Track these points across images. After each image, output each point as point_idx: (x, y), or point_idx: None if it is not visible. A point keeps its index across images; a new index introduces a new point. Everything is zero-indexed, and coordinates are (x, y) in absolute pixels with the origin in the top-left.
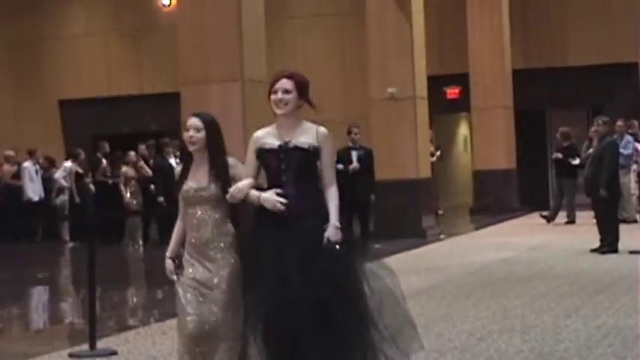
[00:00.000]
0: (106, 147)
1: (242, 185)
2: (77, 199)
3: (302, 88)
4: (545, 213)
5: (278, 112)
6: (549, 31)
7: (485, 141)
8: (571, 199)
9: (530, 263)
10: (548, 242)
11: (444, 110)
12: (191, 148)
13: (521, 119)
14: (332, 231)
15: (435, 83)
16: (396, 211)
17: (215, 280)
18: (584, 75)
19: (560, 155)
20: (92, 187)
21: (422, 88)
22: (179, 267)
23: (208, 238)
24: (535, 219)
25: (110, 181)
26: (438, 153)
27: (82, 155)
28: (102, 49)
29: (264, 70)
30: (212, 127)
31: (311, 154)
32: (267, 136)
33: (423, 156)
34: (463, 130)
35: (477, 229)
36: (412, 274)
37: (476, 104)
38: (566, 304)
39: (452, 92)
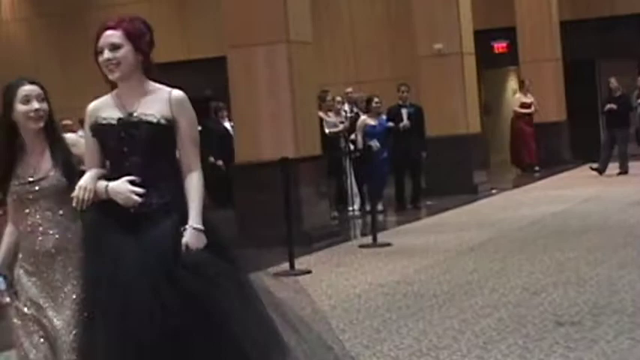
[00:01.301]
0: None
1: (85, 182)
2: None
3: (136, 37)
4: (595, 165)
5: (111, 77)
6: None
7: (534, 94)
8: (623, 149)
9: (584, 215)
10: (601, 194)
11: (492, 65)
12: (39, 125)
13: (571, 71)
14: (191, 235)
15: (483, 38)
16: (448, 168)
17: (64, 315)
18: (633, 24)
19: (614, 106)
20: None
21: (469, 44)
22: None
23: (51, 246)
24: (587, 171)
25: None
26: None
27: None
28: (147, 15)
29: (309, 31)
30: (47, 96)
31: (163, 130)
32: (104, 108)
33: (472, 111)
34: (512, 84)
35: (528, 182)
36: (465, 230)
37: (524, 57)
38: (620, 256)
39: (499, 46)
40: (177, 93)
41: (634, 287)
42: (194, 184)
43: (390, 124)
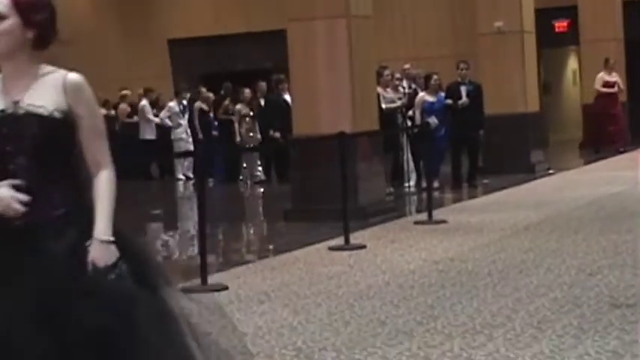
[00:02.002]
0: (229, 86)
1: None
2: (200, 136)
3: (28, 8)
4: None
5: None
6: None
7: (595, 74)
8: None
9: None
10: None
11: (553, 44)
12: None
13: (632, 51)
14: (98, 250)
15: (544, 16)
16: (505, 146)
17: None
18: None
19: None
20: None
21: (529, 22)
22: None
23: None
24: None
25: (232, 118)
26: None
27: (205, 92)
28: None
29: (370, 6)
30: None
31: (56, 124)
32: None
33: (531, 90)
34: (572, 63)
35: (586, 163)
36: (521, 209)
37: (585, 37)
38: None
39: (560, 25)
40: (74, 77)
41: None
42: (103, 187)
43: (449, 101)
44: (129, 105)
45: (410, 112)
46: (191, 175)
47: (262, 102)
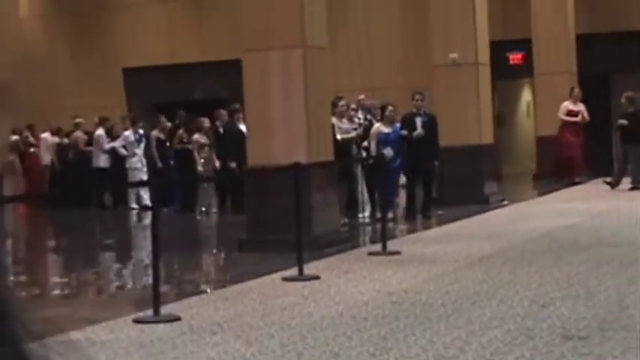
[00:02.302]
0: (183, 115)
1: None
2: (159, 164)
3: None
4: (608, 179)
5: None
6: None
7: (548, 107)
8: (636, 164)
9: (595, 230)
10: (612, 209)
11: (507, 76)
12: None
13: (585, 84)
14: None
15: (498, 49)
16: (459, 178)
17: None
18: None
19: (625, 122)
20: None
21: (484, 54)
22: None
23: None
24: (599, 185)
25: (189, 147)
26: None
27: (164, 122)
28: (164, 17)
29: (325, 36)
30: None
31: None
32: None
33: (485, 122)
34: (526, 96)
35: (540, 195)
36: (475, 241)
37: (539, 70)
38: (630, 271)
39: (515, 57)
40: None
41: None
42: None
43: (404, 132)
44: (84, 133)
45: (365, 143)
46: (146, 204)
47: (222, 131)
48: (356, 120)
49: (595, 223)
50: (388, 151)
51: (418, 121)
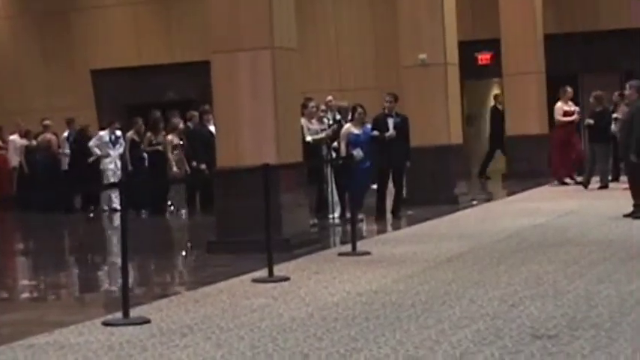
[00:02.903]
0: (157, 116)
1: None
2: (130, 167)
3: None
4: (579, 179)
5: None
6: None
7: (517, 107)
8: (604, 164)
9: (563, 229)
10: (581, 208)
11: (476, 76)
12: None
13: (554, 84)
14: None
15: (467, 49)
16: (429, 178)
17: None
18: (616, 38)
19: (591, 121)
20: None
21: (453, 55)
22: None
23: None
24: (568, 184)
25: (160, 148)
26: None
27: (140, 123)
28: (132, 19)
29: (294, 37)
30: None
31: None
32: None
33: (454, 122)
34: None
35: (509, 194)
36: (444, 241)
37: (508, 70)
38: (598, 270)
39: (483, 58)
40: None
41: (611, 302)
42: None
43: (376, 132)
44: (53, 134)
45: (335, 144)
46: (115, 207)
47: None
48: (325, 121)
49: (564, 222)
50: (358, 152)
51: (390, 122)
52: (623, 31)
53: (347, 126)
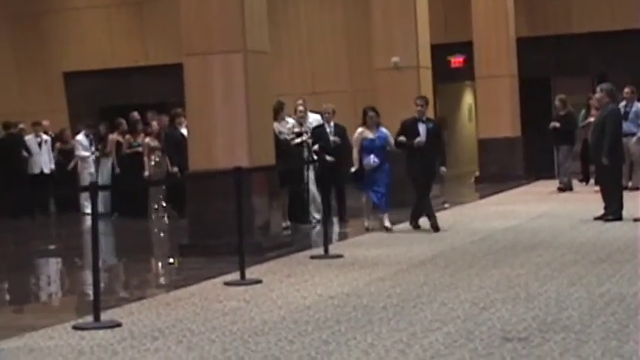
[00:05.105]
0: (138, 119)
1: None
2: (117, 170)
3: None
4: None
5: None
6: None
7: (489, 109)
8: (566, 166)
9: (535, 232)
10: (552, 211)
11: (449, 79)
12: None
13: (526, 87)
14: None
15: (439, 52)
16: (401, 181)
17: None
18: (588, 42)
19: (557, 124)
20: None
21: (425, 58)
22: None
23: None
24: (540, 187)
25: (140, 149)
26: None
27: (124, 125)
28: (105, 21)
29: (266, 41)
30: None
31: None
32: None
33: None
34: (468, 98)
35: (481, 197)
36: (416, 243)
37: (480, 73)
38: (569, 273)
39: (456, 61)
40: None
41: (582, 305)
42: None
43: (402, 138)
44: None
45: (315, 147)
46: (85, 212)
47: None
48: (303, 123)
49: (535, 225)
50: (373, 160)
51: (422, 127)
52: (595, 35)
53: (360, 130)
